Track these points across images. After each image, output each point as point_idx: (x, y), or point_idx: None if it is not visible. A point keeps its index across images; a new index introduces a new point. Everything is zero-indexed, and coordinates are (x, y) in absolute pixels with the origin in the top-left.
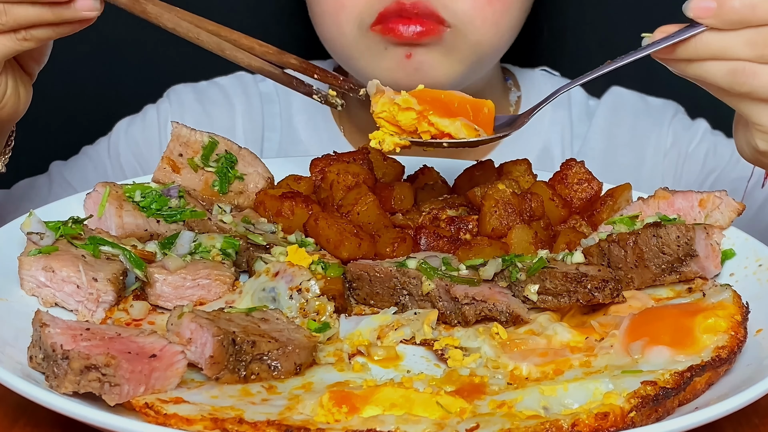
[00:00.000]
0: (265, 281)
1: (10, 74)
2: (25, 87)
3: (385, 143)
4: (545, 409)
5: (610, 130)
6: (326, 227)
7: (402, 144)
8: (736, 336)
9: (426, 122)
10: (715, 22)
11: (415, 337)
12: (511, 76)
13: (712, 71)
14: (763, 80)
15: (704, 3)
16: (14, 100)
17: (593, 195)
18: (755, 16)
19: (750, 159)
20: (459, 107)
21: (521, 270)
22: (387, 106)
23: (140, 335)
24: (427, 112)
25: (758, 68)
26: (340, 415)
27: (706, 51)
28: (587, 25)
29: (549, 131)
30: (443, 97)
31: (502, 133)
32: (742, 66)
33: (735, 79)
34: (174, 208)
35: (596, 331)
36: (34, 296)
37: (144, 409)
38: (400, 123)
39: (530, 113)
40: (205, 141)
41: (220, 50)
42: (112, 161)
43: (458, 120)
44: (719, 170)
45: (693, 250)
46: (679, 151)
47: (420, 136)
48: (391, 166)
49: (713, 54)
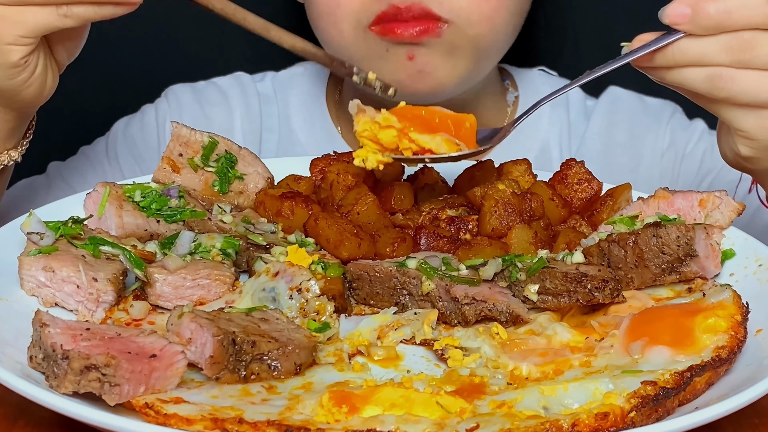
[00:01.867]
0: (265, 281)
1: (42, 55)
2: (53, 73)
3: (368, 161)
4: (545, 409)
5: (607, 131)
6: (326, 227)
7: (385, 161)
8: (736, 336)
9: (407, 139)
10: (692, 28)
11: (415, 337)
12: (508, 76)
13: (691, 78)
14: (741, 85)
15: (679, 9)
16: (40, 82)
17: (593, 195)
18: (731, 21)
19: (733, 164)
20: (440, 123)
21: (521, 270)
22: (368, 125)
23: (140, 335)
24: (407, 129)
25: (736, 73)
26: (340, 415)
27: (684, 58)
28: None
29: (548, 131)
30: (424, 113)
31: (483, 147)
32: (719, 71)
33: (713, 85)
34: (174, 208)
35: (596, 331)
36: (34, 296)
37: (144, 409)
38: (381, 141)
39: (512, 125)
40: (205, 141)
41: (266, 30)
42: (111, 161)
43: (439, 135)
44: (716, 171)
45: (693, 250)
46: (676, 151)
47: (402, 153)
48: (391, 166)
49: (691, 60)
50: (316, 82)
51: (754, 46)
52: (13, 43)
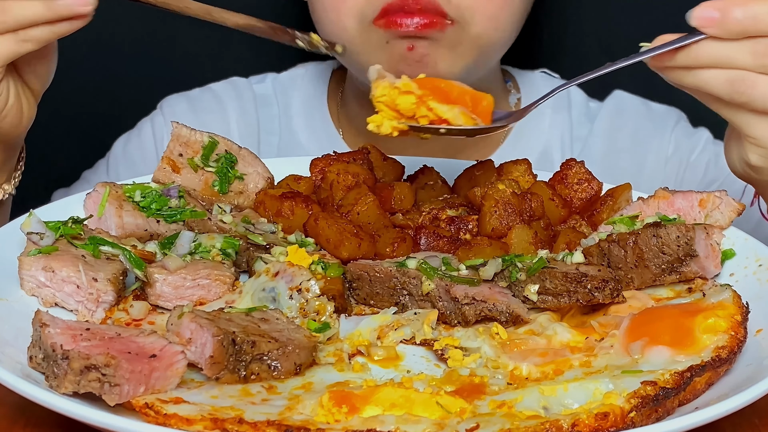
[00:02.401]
0: (265, 281)
1: (12, 84)
2: (28, 101)
3: (383, 126)
4: (545, 409)
5: (611, 134)
6: (326, 227)
7: (400, 128)
8: (736, 336)
9: (425, 107)
10: (718, 32)
11: (415, 337)
12: (510, 78)
13: (712, 80)
14: (762, 90)
15: (707, 13)
16: (15, 112)
17: (593, 195)
18: (757, 26)
19: (740, 173)
20: (458, 97)
21: (521, 270)
22: (387, 89)
23: (140, 335)
24: (426, 97)
25: (758, 78)
26: (340, 415)
27: (708, 58)
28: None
29: (549, 133)
30: (443, 86)
31: (500, 124)
32: (742, 75)
33: (734, 89)
34: (174, 208)
35: (596, 331)
36: (34, 296)
37: (144, 409)
38: (399, 107)
39: (529, 108)
40: (205, 141)
41: (208, 14)
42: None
43: (457, 107)
44: (720, 181)
45: (693, 250)
46: (680, 159)
47: (418, 122)
48: (391, 166)
49: (714, 62)
50: (317, 83)
51: None
52: None
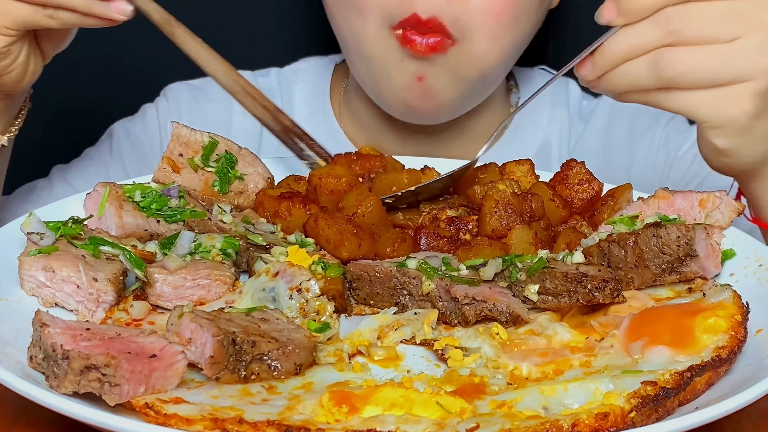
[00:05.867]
0: (265, 281)
1: (26, 45)
2: (36, 61)
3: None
4: (545, 409)
5: (607, 130)
6: (326, 227)
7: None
8: (736, 336)
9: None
10: (623, 18)
11: (415, 337)
12: (512, 76)
13: (634, 70)
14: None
15: (608, 5)
16: (21, 69)
17: (594, 195)
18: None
19: (716, 166)
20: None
21: (521, 270)
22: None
23: (140, 335)
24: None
25: (675, 54)
26: (340, 415)
27: (622, 49)
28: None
29: (547, 129)
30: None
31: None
32: (658, 55)
33: (657, 71)
34: (174, 208)
35: (596, 331)
36: (34, 296)
37: (144, 409)
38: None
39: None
40: (205, 141)
41: (233, 92)
42: (115, 162)
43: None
44: (701, 178)
45: (693, 250)
46: (668, 153)
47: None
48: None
49: (629, 50)
50: (319, 78)
51: (681, 17)
52: None
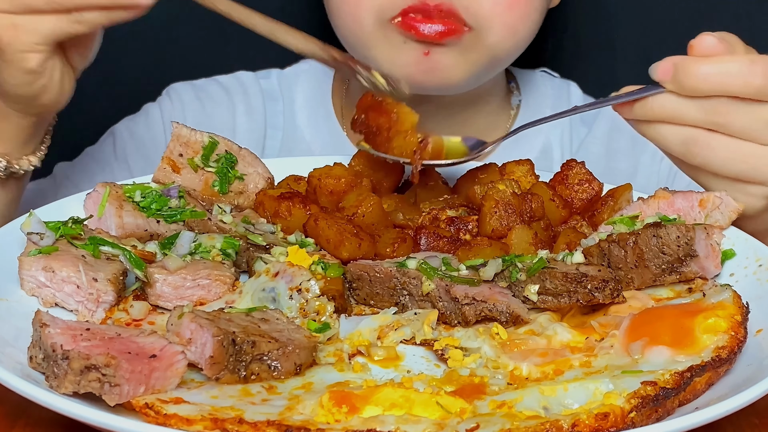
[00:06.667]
0: (265, 281)
1: (58, 61)
2: (69, 77)
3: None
4: (545, 409)
5: (610, 135)
6: (326, 227)
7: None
8: (736, 336)
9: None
10: (673, 86)
11: (415, 337)
12: (513, 78)
13: (668, 136)
14: (717, 154)
15: (665, 65)
16: (58, 87)
17: (594, 195)
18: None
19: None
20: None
21: (521, 270)
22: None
23: (140, 335)
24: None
25: (712, 140)
26: (340, 415)
27: (662, 111)
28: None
29: (549, 132)
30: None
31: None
32: (696, 135)
33: (689, 149)
34: (174, 208)
35: (596, 331)
36: (34, 296)
37: (144, 409)
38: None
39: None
40: (205, 141)
41: (272, 34)
42: (119, 162)
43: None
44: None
45: (693, 250)
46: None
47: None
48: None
49: (668, 116)
50: (321, 78)
51: (728, 113)
52: (29, 51)
